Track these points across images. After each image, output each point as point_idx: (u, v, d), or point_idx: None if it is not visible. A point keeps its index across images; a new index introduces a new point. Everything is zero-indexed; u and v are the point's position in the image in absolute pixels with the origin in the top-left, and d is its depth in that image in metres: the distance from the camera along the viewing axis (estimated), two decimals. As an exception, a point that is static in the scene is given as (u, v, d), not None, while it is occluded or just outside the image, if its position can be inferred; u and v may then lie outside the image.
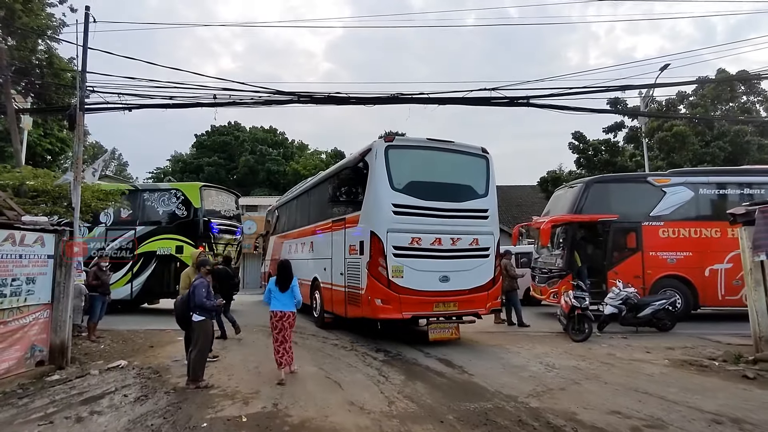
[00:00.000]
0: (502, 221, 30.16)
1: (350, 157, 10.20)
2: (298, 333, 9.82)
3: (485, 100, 8.90)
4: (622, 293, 9.64)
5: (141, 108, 9.41)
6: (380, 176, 8.21)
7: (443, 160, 8.82)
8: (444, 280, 8.21)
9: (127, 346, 8.63)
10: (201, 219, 12.87)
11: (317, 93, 9.17)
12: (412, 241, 8.11)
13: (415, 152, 8.73)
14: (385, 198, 8.14)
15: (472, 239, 8.56)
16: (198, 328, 5.86)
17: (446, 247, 8.31)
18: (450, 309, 8.27)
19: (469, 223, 8.63)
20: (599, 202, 11.59)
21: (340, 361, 7.19)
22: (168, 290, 12.60)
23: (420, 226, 8.20)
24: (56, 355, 6.96)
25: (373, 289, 7.94)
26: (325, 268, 10.16)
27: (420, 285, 8.05)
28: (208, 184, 14.98)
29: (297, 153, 51.14)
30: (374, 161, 8.32)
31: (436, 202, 8.42)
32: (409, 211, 8.19)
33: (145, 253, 12.78)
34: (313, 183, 12.65)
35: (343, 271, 9.08)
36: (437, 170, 8.78)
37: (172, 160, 50.71)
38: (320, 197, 11.44)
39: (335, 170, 10.86)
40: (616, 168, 23.17)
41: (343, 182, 9.97)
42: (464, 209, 8.66)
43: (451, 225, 8.43)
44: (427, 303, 8.08)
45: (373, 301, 7.90)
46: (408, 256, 8.07)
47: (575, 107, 9.05)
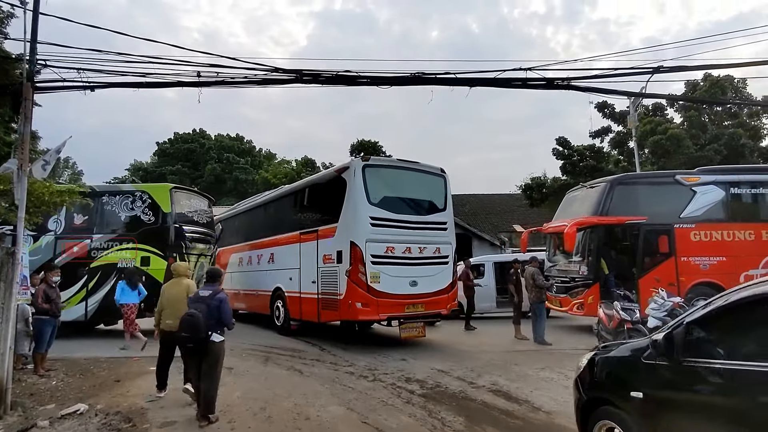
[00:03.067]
0: (484, 229, 29.56)
1: (322, 174, 11.34)
2: (298, 358, 8.28)
3: (520, 82, 7.68)
4: (667, 303, 8.55)
5: (107, 87, 7.67)
6: (359, 192, 9.02)
7: (410, 178, 9.88)
8: (413, 284, 9.16)
9: (87, 381, 6.84)
10: (172, 225, 10.95)
11: (324, 71, 7.72)
12: (386, 250, 9.01)
13: (387, 171, 9.73)
14: (364, 211, 8.97)
15: (435, 248, 9.59)
16: (218, 350, 4.99)
17: (415, 255, 9.29)
18: (418, 310, 9.20)
19: (432, 234, 9.69)
20: (625, 202, 10.58)
21: (370, 397, 5.71)
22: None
23: (393, 236, 9.11)
24: (-10, 400, 5.21)
25: (353, 294, 8.68)
26: (291, 278, 10.75)
27: (394, 289, 8.91)
28: (180, 186, 13.02)
29: (265, 161, 49.30)
30: (352, 178, 9.11)
31: (406, 215, 9.39)
32: (384, 224, 9.07)
33: (103, 266, 10.74)
34: (271, 197, 13.20)
35: (315, 279, 9.76)
36: (406, 187, 9.79)
37: (132, 170, 47.79)
38: (283, 211, 12.08)
39: (304, 185, 11.48)
40: (603, 174, 22.66)
41: (316, 197, 10.66)
42: (429, 222, 9.72)
43: (418, 236, 9.43)
44: (400, 305, 8.97)
45: (354, 304, 8.66)
46: (383, 264, 8.92)
47: (622, 90, 7.94)
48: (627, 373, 3.38)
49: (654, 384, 3.07)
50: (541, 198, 28.15)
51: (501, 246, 28.19)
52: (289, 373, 7.07)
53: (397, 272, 9.00)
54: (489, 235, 28.76)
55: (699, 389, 2.79)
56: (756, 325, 2.74)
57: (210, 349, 4.91)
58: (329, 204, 9.75)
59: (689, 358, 2.84)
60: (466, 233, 28.39)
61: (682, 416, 2.89)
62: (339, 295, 8.95)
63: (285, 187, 13.69)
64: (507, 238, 30.35)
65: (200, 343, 4.87)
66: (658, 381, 3.05)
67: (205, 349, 4.90)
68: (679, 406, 2.92)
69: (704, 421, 2.75)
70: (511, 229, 31.59)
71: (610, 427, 3.35)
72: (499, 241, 28.64)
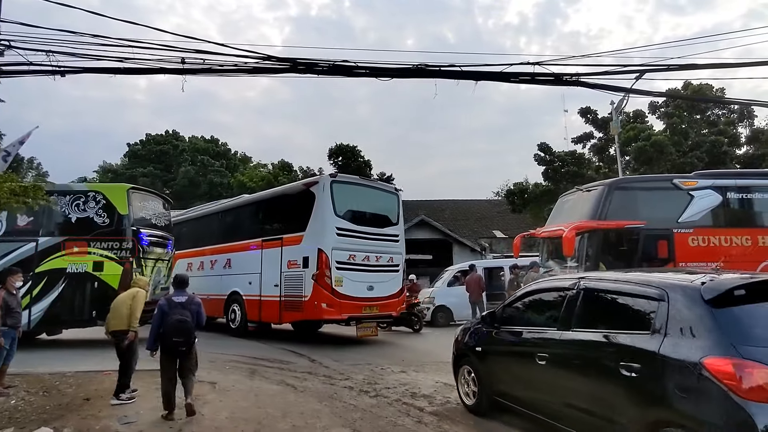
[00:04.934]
0: (464, 235, 29.31)
1: (290, 187, 12.36)
2: (288, 371, 7.66)
3: (528, 77, 7.31)
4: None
5: (80, 72, 7.01)
6: (327, 205, 10.00)
7: (370, 195, 11.20)
8: (370, 289, 10.31)
9: (52, 400, 6.06)
10: (128, 228, 10.09)
11: (320, 60, 7.17)
12: (349, 258, 10.10)
13: (351, 187, 10.89)
14: (331, 222, 9.98)
15: (389, 257, 10.85)
16: (196, 349, 5.52)
17: (372, 263, 10.48)
18: (374, 312, 10.40)
19: (387, 244, 10.92)
20: (623, 206, 10.31)
21: (376, 416, 5.16)
22: (82, 317, 9.71)
23: (355, 246, 10.21)
24: (-64, 426, 4.45)
25: (319, 296, 9.66)
26: (250, 282, 11.41)
27: (354, 292, 10.02)
28: (137, 186, 12.02)
29: (240, 165, 48.09)
30: (321, 192, 10.07)
31: (366, 227, 10.53)
32: (348, 234, 10.15)
33: (50, 272, 9.69)
34: (231, 205, 13.94)
35: (278, 282, 10.55)
36: (366, 202, 10.97)
37: (101, 171, 45.83)
38: (243, 218, 12.90)
39: (269, 196, 12.58)
40: (584, 180, 22.72)
41: (282, 207, 11.64)
42: (384, 234, 10.96)
43: (375, 246, 10.61)
44: (359, 306, 10.10)
45: (320, 305, 9.63)
46: (346, 269, 9.99)
47: (635, 89, 7.66)
48: (474, 337, 5.61)
49: (485, 342, 5.36)
50: (523, 203, 28.17)
51: (482, 251, 28.01)
52: (281, 388, 6.44)
53: (357, 278, 10.16)
54: (470, 241, 28.55)
55: (506, 343, 5.06)
56: (530, 307, 5.08)
57: (190, 352, 5.40)
58: (296, 214, 10.67)
59: (502, 326, 5.16)
60: (447, 239, 28.14)
61: (498, 359, 5.17)
62: (304, 297, 9.90)
63: (245, 196, 14.59)
64: (487, 243, 30.18)
65: (190, 346, 5.35)
66: (488, 340, 5.33)
67: (190, 351, 5.39)
68: (497, 353, 5.21)
69: (509, 360, 5.03)
70: (491, 234, 31.48)
71: (468, 370, 5.55)
72: (480, 247, 28.45)
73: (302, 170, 43.70)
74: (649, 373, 3.30)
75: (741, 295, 3.24)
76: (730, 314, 3.17)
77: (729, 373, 2.85)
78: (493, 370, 5.12)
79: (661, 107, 22.35)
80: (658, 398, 3.23)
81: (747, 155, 21.34)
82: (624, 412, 3.43)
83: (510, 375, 4.92)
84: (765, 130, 22.18)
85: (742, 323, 3.15)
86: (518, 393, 4.73)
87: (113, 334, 6.00)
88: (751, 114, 22.68)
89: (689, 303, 3.29)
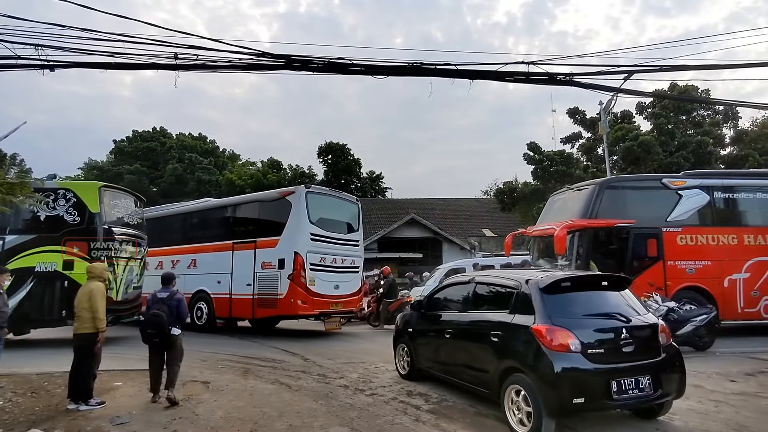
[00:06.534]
0: (453, 233, 29.39)
1: (266, 194, 13.26)
2: (281, 370, 7.61)
3: (522, 76, 7.34)
4: (662, 308, 8.40)
5: (70, 67, 6.84)
6: (302, 212, 11.15)
7: (337, 204, 12.53)
8: (336, 288, 11.57)
9: (40, 401, 5.95)
10: (100, 227, 9.93)
11: (315, 58, 7.11)
12: (320, 260, 11.29)
13: (322, 197, 12.10)
14: (306, 228, 11.13)
15: (351, 260, 12.23)
16: (178, 341, 5.96)
17: (338, 265, 11.79)
18: (339, 308, 11.75)
19: (350, 249, 12.26)
20: (613, 205, 10.44)
21: (373, 415, 5.14)
22: (51, 317, 9.57)
23: (325, 249, 11.44)
24: None
25: (294, 294, 10.78)
26: (219, 281, 12.29)
27: (324, 291, 11.23)
28: (109, 184, 11.76)
29: (228, 162, 47.58)
30: (298, 201, 11.22)
31: (334, 233, 11.83)
32: (319, 239, 11.35)
33: (18, 270, 9.35)
34: (201, 207, 14.67)
35: (251, 282, 11.53)
36: (334, 211, 12.25)
37: (86, 168, 44.94)
38: (213, 221, 13.74)
39: (243, 201, 13.68)
40: (573, 179, 22.92)
41: (256, 213, 12.63)
42: (348, 239, 12.33)
43: (340, 250, 11.92)
44: (327, 303, 11.35)
45: (296, 302, 10.76)
46: (318, 270, 11.16)
47: (624, 89, 7.73)
48: (408, 320, 7.11)
49: (415, 324, 6.81)
50: (512, 202, 28.32)
51: (471, 250, 28.12)
52: (276, 387, 6.39)
53: (326, 278, 11.33)
54: (459, 239, 28.65)
55: (428, 324, 6.51)
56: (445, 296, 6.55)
57: (172, 342, 5.87)
58: (271, 220, 11.86)
59: (428, 311, 6.61)
60: (437, 237, 28.21)
61: (424, 336, 6.57)
62: (280, 294, 10.92)
63: (219, 200, 15.34)
64: (477, 242, 30.30)
65: (164, 338, 5.78)
66: (417, 322, 6.79)
67: (168, 342, 5.84)
68: (423, 332, 6.60)
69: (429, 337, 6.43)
70: (481, 233, 31.62)
71: (403, 347, 6.97)
72: (470, 246, 28.55)
73: (291, 168, 43.48)
74: (505, 337, 4.85)
75: (562, 287, 4.79)
76: (552, 298, 4.68)
77: (543, 334, 4.38)
78: (419, 345, 6.60)
79: (648, 108, 22.59)
80: (509, 353, 4.75)
81: (731, 155, 21.68)
82: (491, 364, 4.93)
83: (429, 348, 6.38)
84: (749, 131, 22.56)
85: (558, 304, 4.66)
86: (434, 361, 6.24)
87: (80, 338, 5.75)
88: (735, 115, 23.05)
89: (531, 290, 4.79)
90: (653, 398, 4.45)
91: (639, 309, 4.93)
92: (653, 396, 4.42)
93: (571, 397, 4.17)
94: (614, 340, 4.45)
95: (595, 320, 4.62)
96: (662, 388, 4.47)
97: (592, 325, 4.54)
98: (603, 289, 5.04)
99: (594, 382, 4.28)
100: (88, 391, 5.69)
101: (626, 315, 4.67)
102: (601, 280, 5.18)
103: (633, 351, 4.44)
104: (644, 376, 4.39)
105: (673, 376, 4.62)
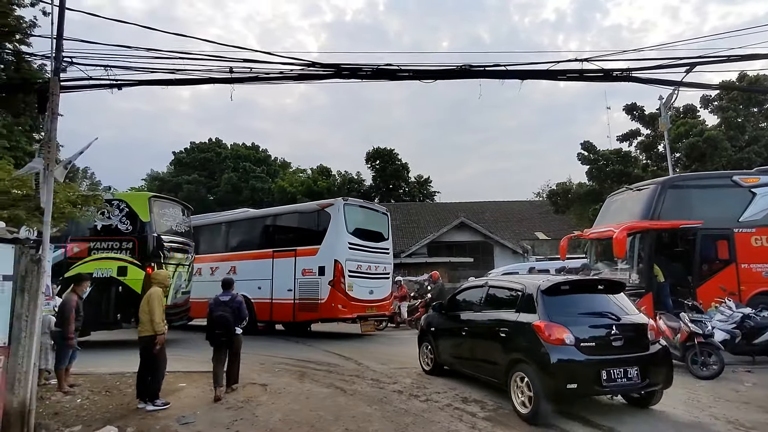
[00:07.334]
0: (505, 237, 28.67)
1: (306, 206, 14.26)
2: (335, 374, 7.69)
3: (575, 74, 7.09)
4: (736, 314, 7.82)
5: (135, 85, 7.28)
6: (341, 223, 11.86)
7: (370, 215, 13.26)
8: (371, 293, 12.23)
9: (113, 400, 6.33)
10: (150, 235, 10.45)
11: (364, 65, 7.20)
12: (357, 267, 11.97)
13: (358, 208, 12.79)
14: (344, 238, 11.83)
15: (383, 267, 12.94)
16: (239, 339, 6.59)
17: (372, 271, 12.47)
18: (373, 312, 12.40)
19: (381, 256, 12.97)
20: (677, 206, 9.87)
21: (428, 421, 5.11)
22: (107, 320, 10.09)
23: (361, 257, 12.12)
24: (12, 422, 4.69)
25: (335, 299, 11.44)
26: (259, 287, 12.86)
27: (361, 296, 11.91)
28: (159, 194, 12.50)
29: (280, 170, 48.95)
30: (336, 212, 11.95)
31: (368, 242, 12.50)
32: (356, 248, 12.06)
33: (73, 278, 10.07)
34: (242, 217, 15.42)
35: (291, 287, 12.23)
36: (368, 221, 12.92)
37: (148, 179, 47.69)
38: (255, 230, 14.38)
39: (285, 212, 14.37)
40: (631, 179, 21.83)
41: (297, 223, 13.39)
42: (380, 247, 13.01)
43: (374, 257, 12.59)
44: (363, 308, 12.02)
45: (336, 306, 11.46)
46: (355, 277, 11.85)
47: (687, 82, 7.29)
48: (431, 321, 7.72)
49: (437, 324, 7.45)
50: (566, 204, 27.40)
51: (524, 254, 27.39)
52: (331, 391, 6.48)
53: (362, 284, 12.04)
54: (511, 243, 27.95)
55: (450, 322, 7.07)
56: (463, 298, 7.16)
57: (235, 340, 6.48)
58: (310, 230, 12.59)
59: (448, 312, 7.26)
60: (488, 241, 27.67)
61: (444, 334, 7.21)
62: (320, 299, 11.59)
63: (258, 211, 16.23)
64: (530, 245, 29.46)
65: (230, 337, 6.39)
66: (438, 322, 7.44)
67: (232, 341, 6.45)
68: (444, 330, 7.24)
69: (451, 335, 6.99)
70: (534, 236, 30.73)
71: (426, 345, 7.64)
72: (522, 249, 27.80)
73: (340, 174, 44.14)
74: (512, 333, 5.54)
75: (561, 290, 5.49)
76: (552, 299, 5.37)
77: (542, 330, 5.06)
78: (441, 342, 7.29)
79: (714, 101, 21.21)
80: (515, 346, 5.45)
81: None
82: (500, 357, 5.64)
83: (449, 345, 7.09)
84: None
85: (556, 304, 5.35)
86: (453, 356, 6.96)
87: (142, 341, 6.07)
88: (814, 105, 21.21)
89: (534, 293, 5.49)
90: (640, 386, 5.08)
91: (630, 310, 5.59)
92: (640, 384, 5.04)
93: (566, 383, 4.87)
94: (605, 335, 5.11)
95: (588, 318, 5.29)
96: (649, 378, 5.08)
97: (585, 322, 5.21)
98: (599, 292, 5.71)
99: (586, 370, 4.92)
100: (154, 392, 5.97)
101: (617, 314, 5.32)
102: (598, 284, 5.88)
103: (622, 345, 5.07)
104: (632, 367, 5.00)
105: (660, 368, 5.23)
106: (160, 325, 6.03)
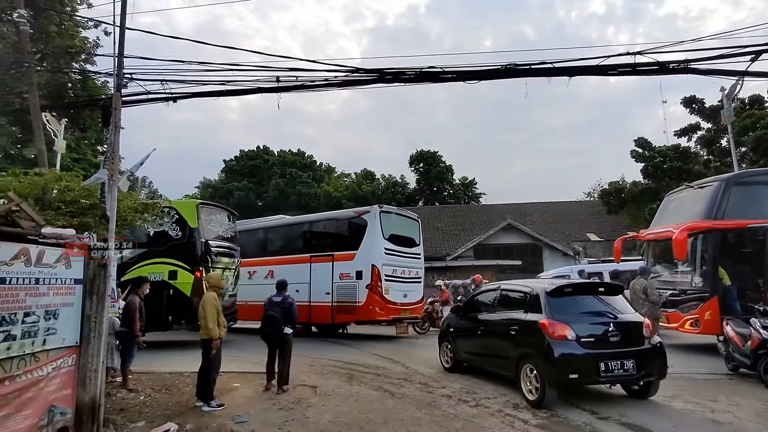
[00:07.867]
0: (555, 239, 27.76)
1: (343, 213, 14.89)
2: (383, 377, 7.72)
3: (628, 68, 6.81)
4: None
5: (189, 97, 7.67)
6: (377, 229, 12.46)
7: (403, 221, 13.76)
8: (405, 296, 12.87)
9: (173, 398, 6.64)
10: (198, 240, 10.89)
11: (407, 69, 7.23)
12: (392, 271, 12.56)
13: (392, 215, 13.38)
14: (381, 243, 12.41)
15: (415, 271, 13.56)
16: (289, 339, 6.89)
17: (406, 276, 13.06)
18: (407, 314, 12.97)
19: (414, 261, 13.58)
20: (744, 204, 9.23)
21: (478, 426, 5.04)
22: (159, 321, 10.48)
23: (395, 262, 12.70)
24: (84, 417, 4.99)
25: (372, 302, 12.02)
26: (297, 290, 12.52)
27: (396, 299, 12.48)
28: (206, 201, 13.20)
29: (325, 175, 49.81)
30: (373, 219, 12.55)
31: (401, 248, 13.09)
32: (391, 253, 12.63)
33: (133, 280, 10.68)
34: (277, 224, 16.37)
35: (329, 291, 12.78)
36: (401, 228, 13.49)
37: (201, 187, 49.82)
38: (294, 236, 15.12)
39: (323, 219, 15.16)
40: (691, 176, 20.61)
41: (335, 229, 13.99)
42: (412, 252, 13.60)
43: (407, 262, 13.19)
44: (398, 310, 12.59)
45: (374, 309, 12.03)
46: (390, 281, 12.40)
47: (753, 71, 6.82)
48: (450, 322, 8.48)
49: (455, 325, 8.19)
50: (620, 204, 26.28)
51: (575, 256, 26.43)
52: (380, 394, 6.51)
53: (397, 287, 12.60)
54: (561, 245, 27.05)
55: (468, 322, 7.81)
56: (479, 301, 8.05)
57: (285, 339, 6.80)
58: (347, 236, 13.14)
59: (466, 313, 8.10)
60: (537, 243, 26.90)
61: (462, 333, 7.91)
62: (358, 302, 12.16)
63: (295, 217, 17.04)
64: (581, 247, 28.41)
65: (279, 335, 6.74)
66: (457, 323, 8.19)
67: (282, 340, 6.77)
68: (462, 330, 7.95)
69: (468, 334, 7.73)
70: (585, 237, 29.61)
71: (446, 344, 8.29)
72: (573, 251, 26.82)
73: (384, 178, 44.37)
74: (521, 330, 6.25)
75: (564, 292, 6.24)
76: (556, 300, 6.10)
77: (547, 327, 5.73)
78: (459, 341, 7.95)
79: (783, 90, 19.77)
80: (523, 342, 6.17)
81: None
82: (512, 352, 6.36)
83: (466, 343, 7.77)
84: None
85: (560, 304, 6.05)
86: (470, 354, 7.65)
87: (202, 342, 6.29)
88: None
89: (540, 294, 6.21)
90: (636, 377, 5.70)
91: (627, 310, 6.27)
92: (636, 375, 5.67)
93: (568, 374, 5.58)
94: (603, 331, 5.74)
95: (589, 317, 5.98)
96: (645, 370, 5.70)
97: (586, 320, 5.89)
98: (600, 294, 6.38)
99: (585, 362, 5.57)
100: (208, 393, 6.17)
101: (615, 313, 6.00)
102: (598, 287, 6.67)
103: (619, 340, 5.71)
104: (628, 360, 5.60)
105: (654, 361, 5.84)
106: (214, 330, 6.15)
